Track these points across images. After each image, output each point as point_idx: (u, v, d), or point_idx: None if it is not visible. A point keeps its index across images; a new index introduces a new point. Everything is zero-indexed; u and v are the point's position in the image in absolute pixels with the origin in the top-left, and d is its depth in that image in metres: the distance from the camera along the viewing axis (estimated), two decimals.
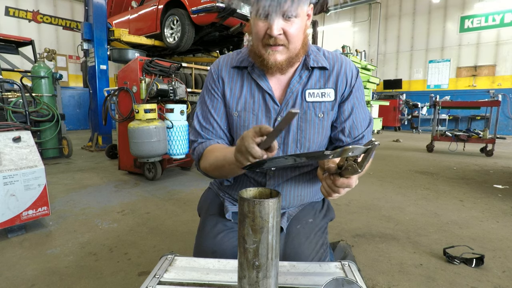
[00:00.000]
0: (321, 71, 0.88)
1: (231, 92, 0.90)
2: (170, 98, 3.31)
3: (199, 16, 4.44)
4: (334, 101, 0.87)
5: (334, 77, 0.87)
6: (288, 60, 0.81)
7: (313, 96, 0.86)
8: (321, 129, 0.87)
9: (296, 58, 0.83)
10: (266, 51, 0.79)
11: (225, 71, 0.91)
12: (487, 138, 4.76)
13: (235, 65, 0.90)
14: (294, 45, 0.79)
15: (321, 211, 0.95)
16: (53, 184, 3.13)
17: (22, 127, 2.02)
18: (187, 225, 2.09)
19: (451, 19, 9.20)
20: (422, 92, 9.78)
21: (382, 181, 3.33)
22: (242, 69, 0.90)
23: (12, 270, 1.52)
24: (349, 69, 0.88)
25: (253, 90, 0.88)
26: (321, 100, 0.86)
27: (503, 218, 2.23)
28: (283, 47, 0.78)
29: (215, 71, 0.93)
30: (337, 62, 0.89)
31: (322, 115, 0.86)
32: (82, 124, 9.60)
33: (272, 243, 0.49)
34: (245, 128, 0.88)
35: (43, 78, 4.34)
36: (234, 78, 0.91)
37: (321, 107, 0.86)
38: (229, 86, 0.90)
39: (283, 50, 0.79)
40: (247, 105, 0.88)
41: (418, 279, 1.46)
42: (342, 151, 0.52)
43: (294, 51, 0.80)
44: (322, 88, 0.87)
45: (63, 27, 6.25)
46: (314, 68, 0.87)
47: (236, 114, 0.89)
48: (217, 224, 0.87)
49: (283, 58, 0.80)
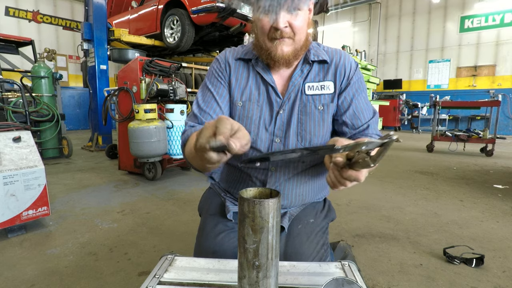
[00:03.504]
0: (320, 64, 0.89)
1: (237, 82, 0.90)
2: (170, 98, 3.31)
3: (199, 16, 4.44)
4: (333, 93, 0.88)
5: (333, 69, 0.88)
6: (294, 52, 0.82)
7: (313, 89, 0.87)
8: (322, 121, 0.87)
9: (301, 51, 0.84)
10: (273, 43, 0.80)
11: (231, 61, 0.92)
12: (487, 138, 4.76)
13: (240, 57, 0.91)
14: (299, 37, 0.80)
15: (322, 211, 0.95)
16: (53, 184, 3.13)
17: (22, 127, 2.02)
18: (187, 225, 2.09)
19: (451, 19, 9.20)
20: (422, 92, 9.78)
21: (382, 181, 3.33)
22: (246, 61, 0.92)
23: (12, 270, 1.52)
24: (348, 62, 0.89)
25: (258, 82, 0.89)
26: (320, 93, 0.87)
27: (503, 218, 2.23)
28: (288, 39, 0.79)
29: (222, 59, 0.93)
30: (336, 55, 0.90)
31: (322, 108, 0.87)
32: (82, 124, 9.60)
33: (272, 243, 0.49)
34: (248, 119, 0.88)
35: (43, 78, 4.35)
36: (240, 69, 0.92)
37: (320, 99, 0.87)
38: (235, 75, 0.91)
39: (289, 42, 0.80)
40: (252, 96, 0.89)
41: (418, 279, 1.46)
42: (355, 145, 0.49)
43: (299, 43, 0.81)
44: (322, 81, 0.87)
45: (63, 27, 6.25)
46: (314, 62, 0.88)
47: (240, 104, 0.89)
48: (218, 224, 0.87)
49: (290, 50, 0.81)
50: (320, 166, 0.92)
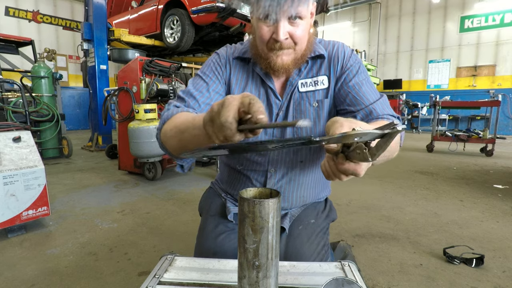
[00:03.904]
0: (313, 60, 0.86)
1: (237, 83, 0.88)
2: (170, 98, 3.31)
3: (199, 16, 4.44)
4: (327, 88, 0.85)
5: (326, 63, 0.85)
6: (294, 61, 0.80)
7: (306, 86, 0.85)
8: (317, 118, 0.85)
9: (301, 59, 0.82)
10: (272, 53, 0.77)
11: (232, 59, 0.90)
12: (487, 138, 4.76)
13: (239, 55, 0.89)
14: (300, 47, 0.78)
15: (323, 212, 0.94)
16: (53, 184, 3.13)
17: (22, 127, 2.02)
18: (187, 225, 2.09)
19: (451, 19, 9.19)
20: (422, 92, 9.78)
21: (382, 181, 3.33)
22: (245, 61, 0.90)
23: (12, 270, 1.52)
24: (341, 50, 0.86)
25: (257, 84, 0.88)
26: (314, 89, 0.85)
27: (503, 218, 2.23)
28: (289, 49, 0.77)
29: (222, 55, 0.90)
30: (329, 47, 0.87)
31: (316, 104, 0.85)
32: (82, 124, 9.60)
33: (272, 243, 0.49)
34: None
35: (43, 78, 4.35)
36: (239, 69, 0.89)
37: (314, 96, 0.85)
38: (235, 76, 0.89)
39: (290, 52, 0.78)
40: None
41: (418, 279, 1.46)
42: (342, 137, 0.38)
43: (300, 52, 0.79)
44: (315, 77, 0.85)
45: (63, 27, 6.25)
46: (309, 58, 0.85)
47: None
48: (219, 225, 0.87)
49: (290, 59, 0.78)
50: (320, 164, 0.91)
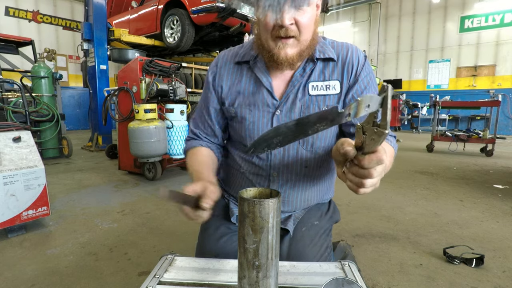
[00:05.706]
0: (325, 62, 0.83)
1: (230, 87, 0.88)
2: (170, 98, 3.31)
3: (199, 16, 4.44)
4: (339, 93, 0.81)
5: (339, 67, 0.82)
6: (299, 53, 0.76)
7: (317, 89, 0.81)
8: None
9: (306, 52, 0.78)
10: (276, 45, 0.74)
11: (224, 68, 0.90)
12: (487, 138, 4.76)
13: (238, 60, 0.87)
14: (305, 37, 0.75)
15: (327, 213, 0.93)
16: (53, 184, 3.13)
17: (22, 127, 2.02)
18: (187, 225, 2.09)
19: (451, 19, 9.19)
20: (422, 92, 9.78)
21: (382, 181, 3.30)
22: (242, 64, 0.88)
23: (12, 270, 1.52)
24: (355, 56, 0.83)
25: (252, 85, 0.85)
26: (325, 93, 0.81)
27: (503, 218, 2.23)
28: (293, 39, 0.74)
29: (213, 70, 0.92)
30: (343, 50, 0.83)
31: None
32: (82, 124, 9.60)
33: (272, 243, 0.49)
34: (241, 124, 0.86)
35: (43, 78, 4.35)
36: (234, 73, 0.88)
37: (325, 100, 0.81)
38: (228, 80, 0.88)
39: (294, 43, 0.74)
40: (246, 100, 0.85)
41: (418, 279, 1.46)
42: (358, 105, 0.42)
43: (305, 43, 0.76)
44: (327, 81, 0.81)
45: (63, 27, 6.25)
46: (318, 59, 0.82)
47: (233, 111, 0.87)
48: (221, 226, 0.86)
49: (294, 52, 0.75)
50: (325, 168, 0.89)
